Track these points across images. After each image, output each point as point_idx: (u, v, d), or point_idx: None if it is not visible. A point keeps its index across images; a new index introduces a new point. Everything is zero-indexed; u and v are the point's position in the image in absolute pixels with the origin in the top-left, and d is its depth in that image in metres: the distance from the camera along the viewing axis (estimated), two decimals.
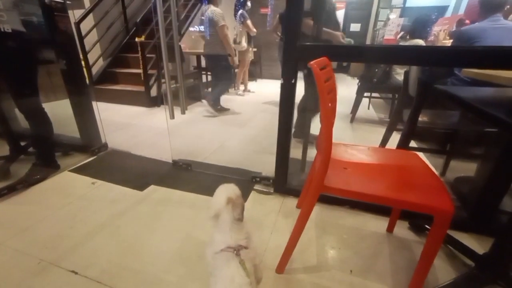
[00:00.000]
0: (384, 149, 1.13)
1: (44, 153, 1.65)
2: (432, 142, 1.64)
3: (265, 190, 1.50)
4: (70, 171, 1.67)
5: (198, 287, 0.92)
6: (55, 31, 1.59)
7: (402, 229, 1.22)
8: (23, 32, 1.38)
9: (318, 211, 1.33)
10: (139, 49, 2.97)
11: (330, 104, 0.76)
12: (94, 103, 1.91)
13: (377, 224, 1.25)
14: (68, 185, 1.53)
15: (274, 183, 1.51)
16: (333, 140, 0.80)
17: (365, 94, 2.86)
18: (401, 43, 3.04)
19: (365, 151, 1.08)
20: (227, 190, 0.88)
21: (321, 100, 0.74)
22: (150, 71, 3.26)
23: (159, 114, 2.99)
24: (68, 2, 1.60)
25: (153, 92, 3.32)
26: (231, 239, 0.79)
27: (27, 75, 1.44)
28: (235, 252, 0.76)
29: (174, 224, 1.24)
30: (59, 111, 1.73)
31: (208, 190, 1.49)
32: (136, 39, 2.97)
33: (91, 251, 1.07)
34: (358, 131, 2.62)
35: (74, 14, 2.73)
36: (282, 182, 1.47)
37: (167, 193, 1.48)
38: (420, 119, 1.40)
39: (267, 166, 1.54)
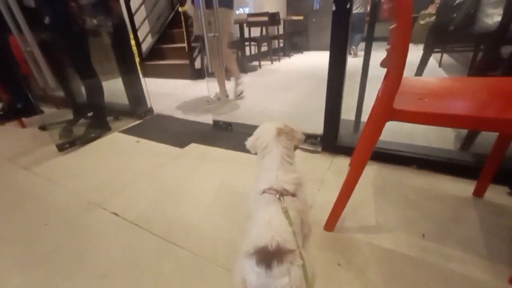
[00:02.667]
0: (479, 78, 0.83)
1: (98, 115, 1.76)
2: None
3: (311, 148, 1.33)
4: (119, 132, 1.75)
5: (232, 236, 0.83)
6: (107, 9, 1.65)
7: (497, 194, 0.93)
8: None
9: (376, 170, 1.10)
10: (182, 19, 2.96)
11: None
12: (142, 79, 1.98)
13: (455, 186, 0.98)
14: (116, 143, 1.60)
15: (322, 141, 1.32)
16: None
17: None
18: None
19: (451, 81, 0.81)
20: (275, 124, 0.75)
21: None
22: (193, 44, 3.25)
23: (202, 85, 2.98)
24: None
25: (197, 64, 3.33)
26: (277, 179, 0.66)
27: (80, 51, 1.55)
28: (278, 195, 0.63)
29: (211, 176, 1.18)
30: (112, 87, 1.84)
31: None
32: (180, 9, 2.96)
33: (132, 197, 1.07)
34: None
35: None
36: (331, 140, 1.27)
37: (206, 150, 1.43)
38: None
39: (313, 127, 1.34)
